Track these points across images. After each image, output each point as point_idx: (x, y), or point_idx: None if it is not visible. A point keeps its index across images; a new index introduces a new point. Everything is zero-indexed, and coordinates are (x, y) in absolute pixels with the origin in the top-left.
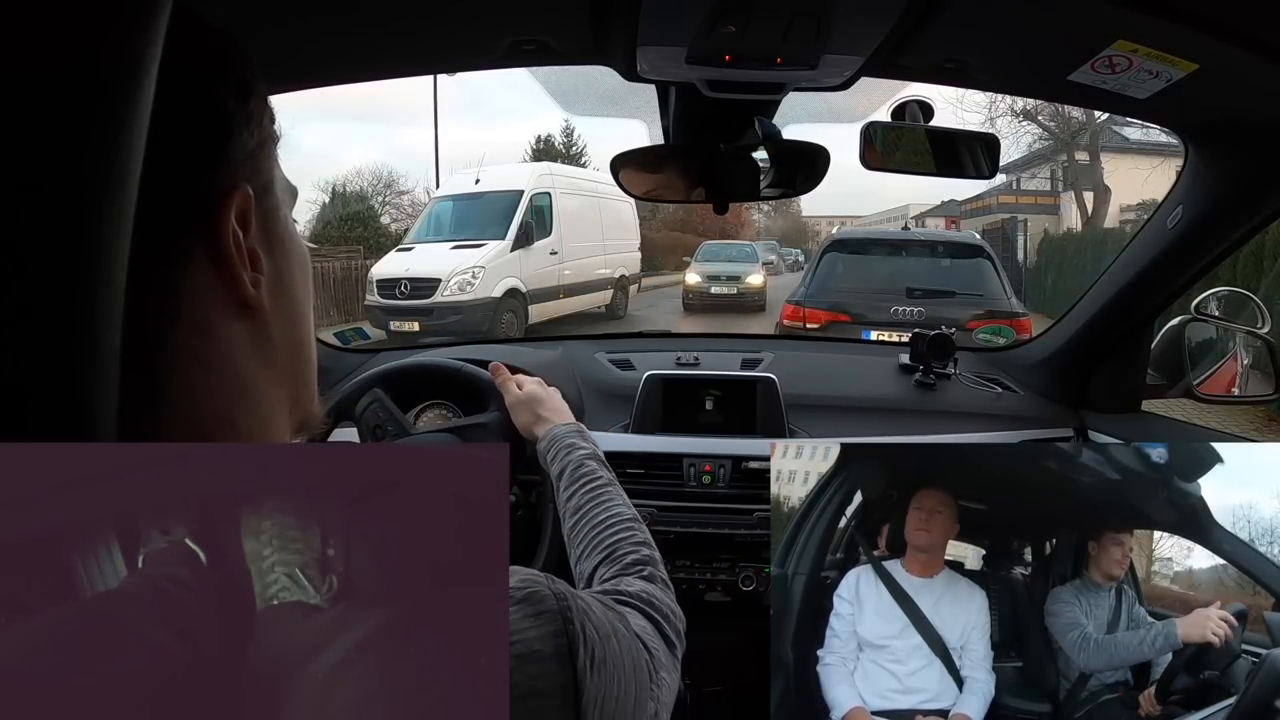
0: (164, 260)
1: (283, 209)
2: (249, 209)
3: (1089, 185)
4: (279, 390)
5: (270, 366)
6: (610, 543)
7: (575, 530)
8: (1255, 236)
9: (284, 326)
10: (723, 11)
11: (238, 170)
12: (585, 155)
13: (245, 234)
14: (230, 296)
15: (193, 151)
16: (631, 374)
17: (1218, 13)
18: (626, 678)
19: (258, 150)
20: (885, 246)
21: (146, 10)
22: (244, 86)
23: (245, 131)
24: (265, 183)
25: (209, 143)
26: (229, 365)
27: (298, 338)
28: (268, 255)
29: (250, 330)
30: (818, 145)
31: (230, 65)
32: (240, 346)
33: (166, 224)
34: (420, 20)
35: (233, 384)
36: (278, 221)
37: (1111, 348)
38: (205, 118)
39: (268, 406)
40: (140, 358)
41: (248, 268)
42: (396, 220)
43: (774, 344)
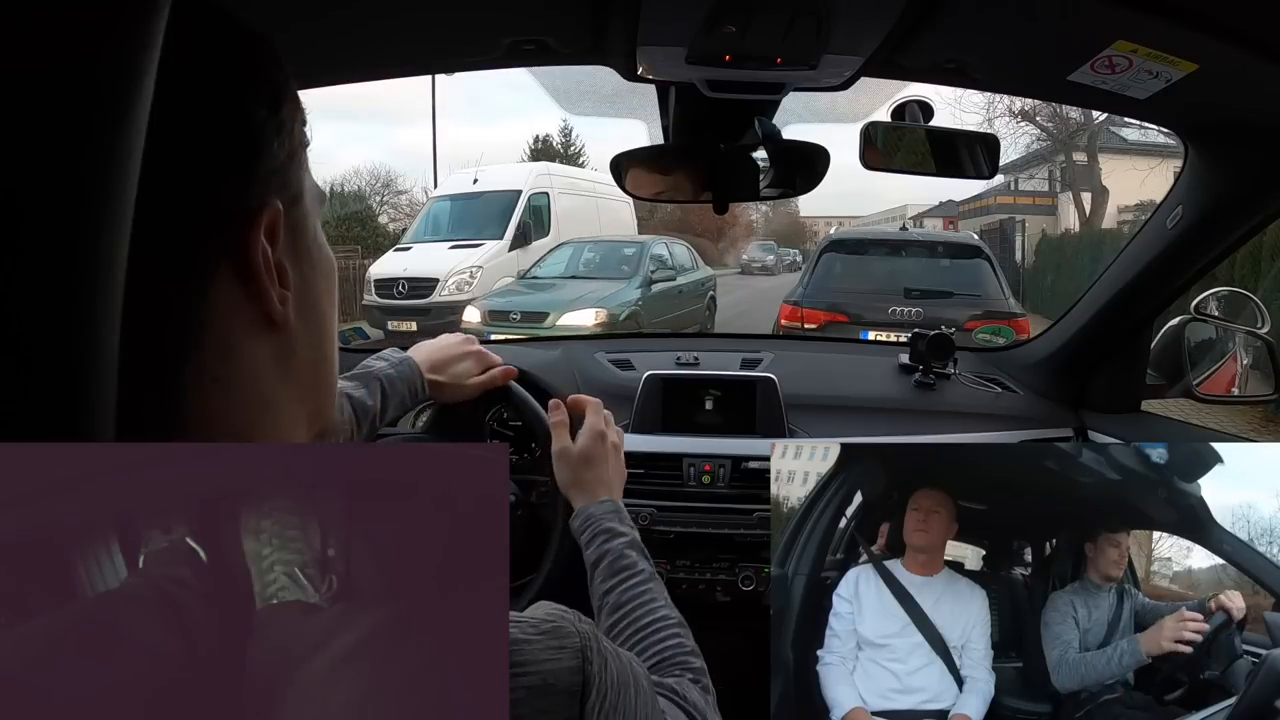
0: (189, 278)
1: (312, 219)
2: (278, 223)
3: (1087, 186)
4: (299, 404)
5: (292, 381)
6: (659, 649)
7: (616, 629)
8: (1254, 237)
9: (309, 340)
10: (723, 11)
11: (268, 184)
12: (583, 155)
13: (274, 249)
14: (256, 314)
15: (220, 166)
16: (631, 374)
17: (1218, 13)
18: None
19: (288, 161)
20: (883, 247)
21: (145, 11)
22: (275, 94)
23: (276, 142)
24: (295, 194)
25: (237, 157)
26: (250, 384)
27: (323, 350)
28: (295, 268)
29: (274, 346)
30: (817, 145)
31: (261, 71)
32: (263, 364)
33: (192, 241)
34: (420, 20)
35: (252, 403)
36: (306, 232)
37: (1111, 348)
38: (234, 130)
39: (287, 421)
40: (161, 378)
41: (275, 284)
42: (394, 220)
43: (774, 344)
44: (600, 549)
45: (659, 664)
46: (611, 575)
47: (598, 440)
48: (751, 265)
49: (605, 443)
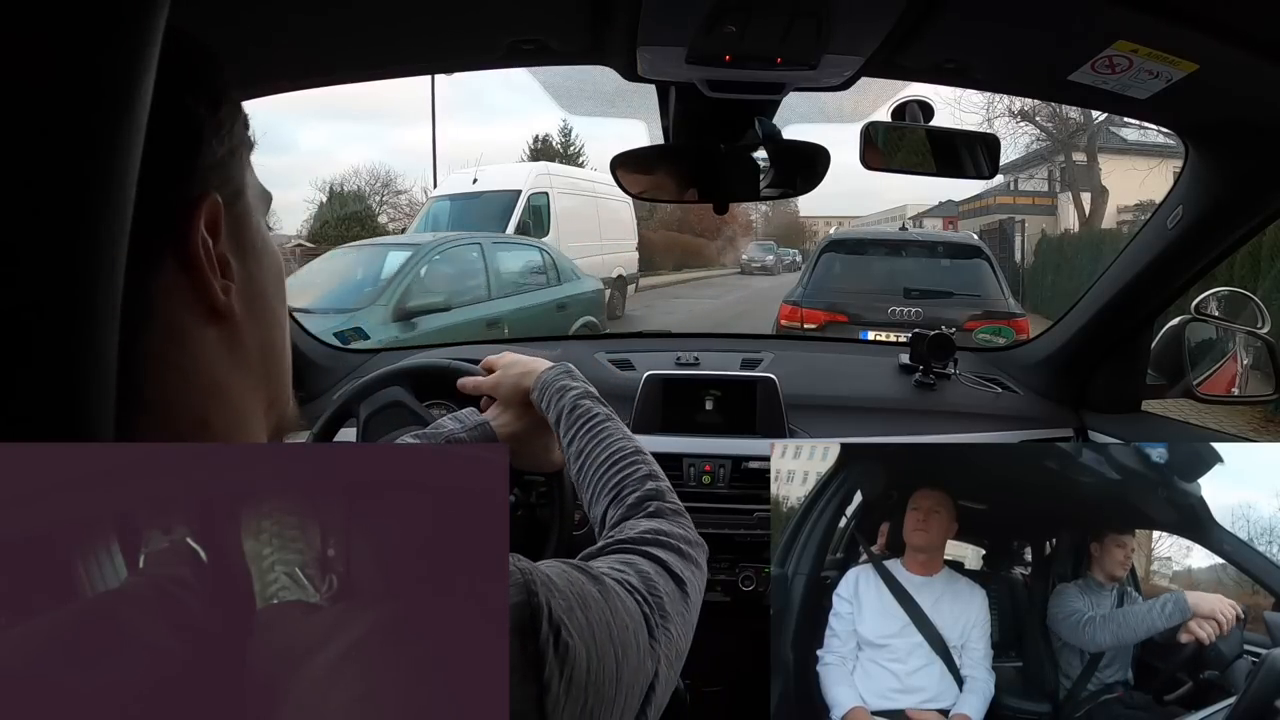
0: (134, 266)
1: (255, 215)
2: (219, 217)
3: (1086, 186)
4: (254, 393)
5: (244, 370)
6: (615, 482)
7: (581, 474)
8: (1254, 237)
9: (256, 331)
10: (723, 11)
11: (206, 178)
12: (583, 155)
13: (215, 241)
14: (201, 303)
15: (162, 160)
16: (631, 374)
17: (1218, 13)
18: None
19: (228, 158)
20: (883, 247)
21: (145, 11)
22: (215, 95)
23: (215, 140)
24: (236, 189)
25: (178, 151)
26: (201, 369)
27: (271, 341)
28: (239, 261)
29: (222, 335)
30: (818, 145)
31: (201, 74)
32: (212, 351)
33: (137, 231)
34: (420, 20)
35: (206, 387)
36: (249, 227)
37: (1111, 348)
38: (175, 127)
39: (242, 409)
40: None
41: (218, 275)
42: (394, 220)
43: (774, 344)
44: (557, 406)
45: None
46: (570, 425)
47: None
48: (751, 265)
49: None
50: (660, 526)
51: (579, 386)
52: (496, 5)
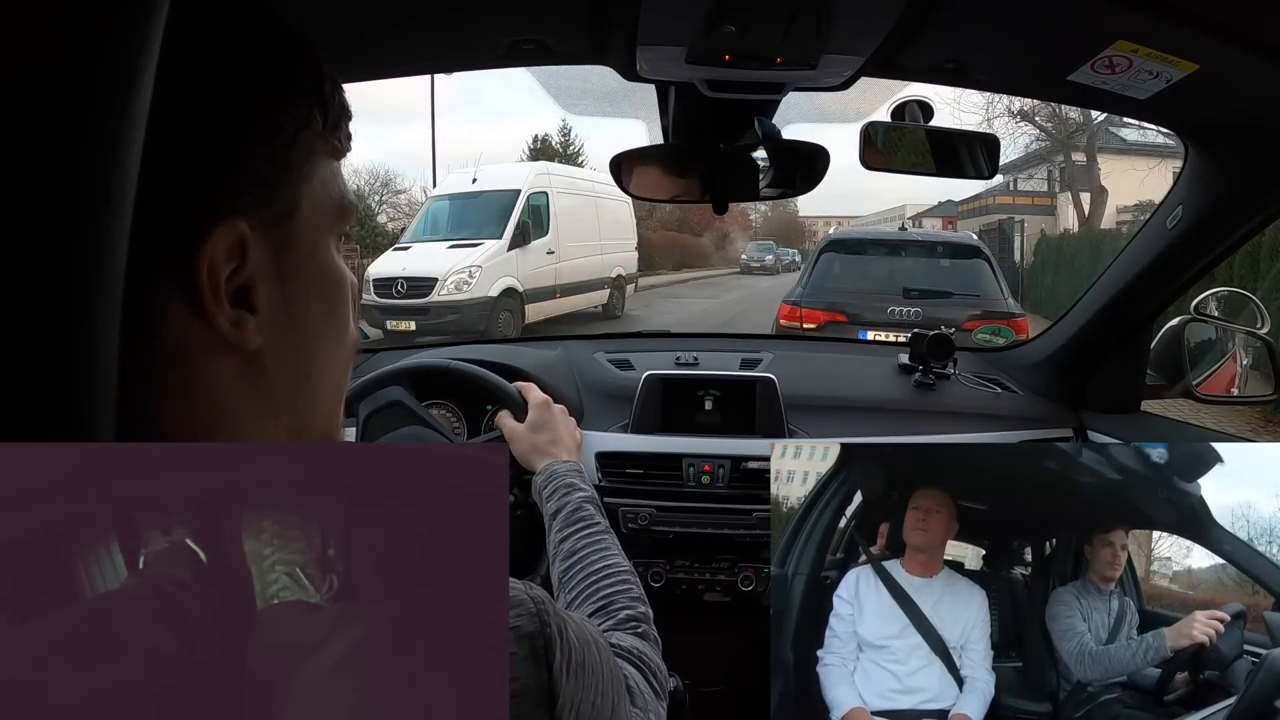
0: (137, 284)
1: (310, 235)
2: (243, 243)
3: (1086, 186)
4: (272, 422)
5: (262, 399)
6: (606, 594)
7: (569, 574)
8: (1254, 237)
9: (286, 362)
10: (723, 11)
11: (234, 203)
12: (582, 155)
13: (240, 268)
14: (209, 331)
15: (170, 183)
16: (631, 374)
17: (1218, 13)
18: (604, 686)
19: (279, 175)
20: (882, 247)
21: (145, 11)
22: (272, 105)
23: (261, 158)
24: (284, 209)
25: (189, 177)
26: (210, 397)
27: (305, 372)
28: (276, 286)
29: (234, 365)
30: (817, 145)
31: (263, 81)
32: (221, 379)
33: (139, 251)
34: (420, 20)
35: (211, 415)
36: (296, 250)
37: (1111, 348)
38: (188, 150)
39: (253, 439)
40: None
41: (225, 308)
42: (393, 219)
43: (773, 344)
44: (560, 501)
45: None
46: (568, 525)
47: (544, 407)
48: (750, 265)
49: (552, 409)
50: (645, 649)
51: (586, 491)
52: (496, 5)
